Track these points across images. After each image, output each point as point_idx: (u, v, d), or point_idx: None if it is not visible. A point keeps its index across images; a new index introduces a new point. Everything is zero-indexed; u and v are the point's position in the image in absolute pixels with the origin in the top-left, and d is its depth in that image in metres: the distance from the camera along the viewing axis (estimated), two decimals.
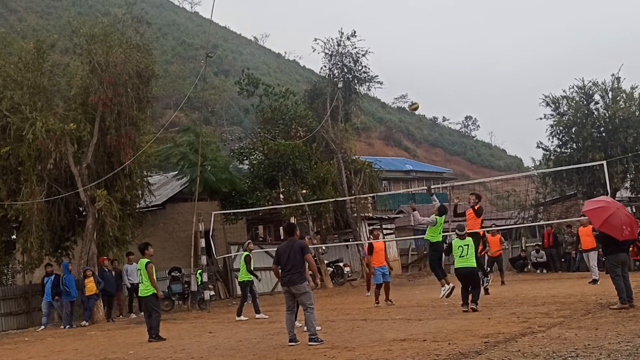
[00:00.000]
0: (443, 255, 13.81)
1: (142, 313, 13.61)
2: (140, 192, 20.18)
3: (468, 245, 11.83)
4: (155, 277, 11.89)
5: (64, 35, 21.04)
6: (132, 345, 11.29)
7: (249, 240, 16.15)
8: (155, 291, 11.80)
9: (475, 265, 12.00)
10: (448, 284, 12.93)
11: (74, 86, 18.78)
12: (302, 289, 9.37)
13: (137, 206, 20.31)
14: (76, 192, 18.00)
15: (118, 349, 11.08)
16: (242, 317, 14.39)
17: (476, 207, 13.27)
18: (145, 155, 19.70)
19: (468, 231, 12.33)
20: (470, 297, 11.76)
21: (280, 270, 9.64)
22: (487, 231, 18.45)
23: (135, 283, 18.64)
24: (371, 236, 17.09)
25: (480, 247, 14.96)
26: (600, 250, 15.43)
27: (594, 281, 16.15)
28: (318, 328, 9.59)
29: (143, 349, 10.70)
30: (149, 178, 21.54)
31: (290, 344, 9.31)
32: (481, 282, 13.10)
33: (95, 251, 17.98)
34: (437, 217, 13.06)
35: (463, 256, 11.81)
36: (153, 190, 21.85)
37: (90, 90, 18.00)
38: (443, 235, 13.51)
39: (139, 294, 12.30)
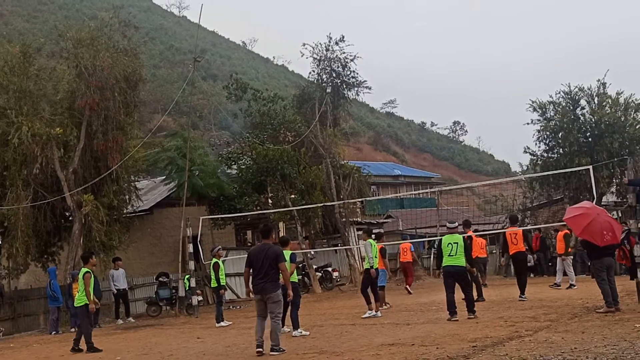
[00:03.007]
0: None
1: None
2: (127, 197, 20.07)
3: (457, 243, 11.33)
4: (90, 289, 11.53)
5: (50, 39, 20.95)
6: (119, 352, 11.20)
7: (219, 247, 15.83)
8: (88, 302, 11.53)
9: (464, 264, 11.40)
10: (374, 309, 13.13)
11: (61, 90, 18.69)
12: (275, 298, 9.09)
13: (124, 211, 20.19)
14: (62, 197, 17.87)
15: (104, 355, 11.00)
16: (222, 323, 14.30)
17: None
18: (132, 160, 19.60)
19: None
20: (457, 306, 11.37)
21: (251, 276, 9.17)
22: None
23: (122, 289, 18.56)
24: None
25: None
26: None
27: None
28: (306, 332, 9.53)
29: (130, 355, 10.63)
30: (136, 183, 21.44)
31: (257, 350, 9.01)
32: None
33: None
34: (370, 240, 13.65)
35: (452, 255, 11.27)
36: (140, 195, 21.74)
37: (77, 95, 17.93)
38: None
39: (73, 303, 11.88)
